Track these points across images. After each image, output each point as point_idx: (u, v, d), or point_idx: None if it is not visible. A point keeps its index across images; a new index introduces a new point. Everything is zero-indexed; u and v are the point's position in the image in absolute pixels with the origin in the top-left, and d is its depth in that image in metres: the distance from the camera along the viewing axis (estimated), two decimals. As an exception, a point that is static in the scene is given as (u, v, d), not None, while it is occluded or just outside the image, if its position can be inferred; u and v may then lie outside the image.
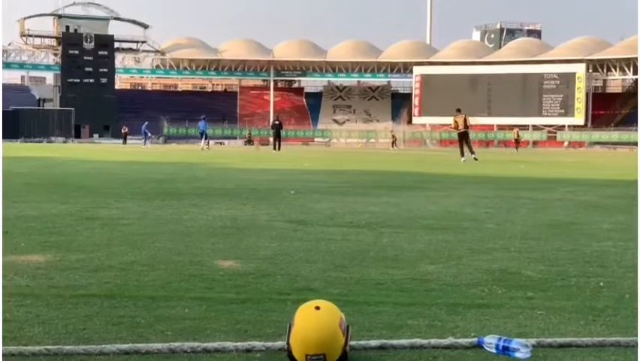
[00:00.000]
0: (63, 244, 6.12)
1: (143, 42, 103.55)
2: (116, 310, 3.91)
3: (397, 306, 4.05)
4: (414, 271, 5.08)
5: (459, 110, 30.26)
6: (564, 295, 4.39)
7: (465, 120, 29.54)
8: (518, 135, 60.65)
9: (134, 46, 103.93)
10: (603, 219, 8.45)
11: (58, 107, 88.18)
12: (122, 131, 71.94)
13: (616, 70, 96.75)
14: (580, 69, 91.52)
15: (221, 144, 79.02)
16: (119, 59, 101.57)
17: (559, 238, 6.81)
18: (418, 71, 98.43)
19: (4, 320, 3.57)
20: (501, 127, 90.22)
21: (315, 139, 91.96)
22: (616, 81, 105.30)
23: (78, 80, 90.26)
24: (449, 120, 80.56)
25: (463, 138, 29.18)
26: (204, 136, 48.25)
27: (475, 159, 27.04)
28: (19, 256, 5.42)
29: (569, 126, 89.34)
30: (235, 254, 5.72)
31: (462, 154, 28.20)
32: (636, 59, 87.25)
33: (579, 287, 4.63)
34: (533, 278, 4.91)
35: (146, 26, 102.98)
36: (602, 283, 4.72)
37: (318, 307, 2.81)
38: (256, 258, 5.57)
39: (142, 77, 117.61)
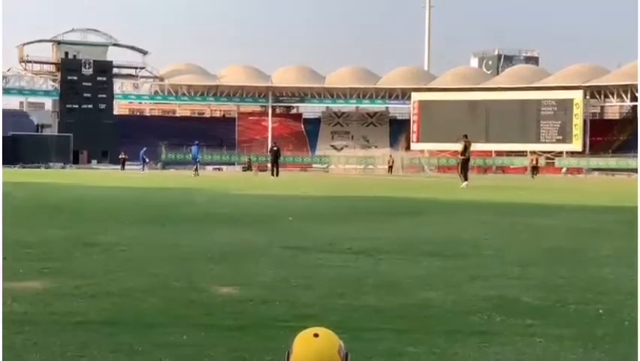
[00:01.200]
0: (61, 270, 6.10)
1: (141, 68, 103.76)
2: (114, 337, 3.90)
3: (396, 333, 4.04)
4: (413, 298, 5.07)
5: (466, 136, 30.21)
6: (563, 323, 4.38)
7: (470, 147, 29.73)
8: (537, 162, 60.67)
9: (132, 72, 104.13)
10: (602, 245, 8.44)
11: (56, 133, 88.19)
12: (120, 157, 71.95)
13: (613, 96, 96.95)
14: (577, 96, 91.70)
15: (219, 169, 78.97)
16: (118, 85, 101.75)
17: (558, 265, 6.80)
18: (416, 97, 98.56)
19: (2, 347, 3.55)
20: (499, 153, 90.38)
21: (314, 165, 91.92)
22: (613, 108, 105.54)
23: (77, 106, 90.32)
24: (447, 146, 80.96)
25: (466, 164, 29.25)
26: (194, 161, 48.32)
27: (464, 186, 27.12)
28: (18, 283, 5.41)
29: (567, 153, 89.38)
30: (234, 280, 5.70)
31: (464, 179, 28.20)
32: (633, 85, 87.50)
33: (578, 314, 4.62)
34: (532, 305, 4.90)
35: (144, 52, 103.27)
36: (601, 310, 4.71)
37: (316, 335, 2.79)
38: (255, 284, 5.55)
39: (140, 103, 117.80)
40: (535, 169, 57.24)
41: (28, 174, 43.24)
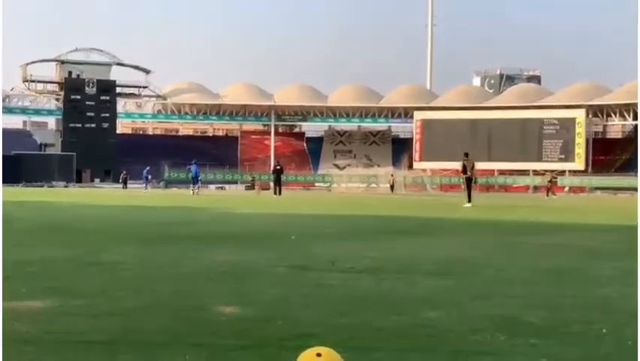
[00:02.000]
0: (63, 289, 6.10)
1: (144, 87, 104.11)
2: (115, 356, 3.89)
3: (398, 352, 4.03)
4: (415, 317, 5.06)
5: (467, 155, 30.18)
6: (567, 342, 4.36)
7: (473, 166, 29.65)
8: (553, 180, 60.76)
9: (135, 91, 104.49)
10: (605, 264, 8.42)
11: (59, 152, 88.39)
12: (122, 175, 72.19)
13: (616, 115, 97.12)
14: (580, 114, 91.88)
15: (222, 188, 79.06)
16: (121, 104, 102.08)
17: (560, 284, 6.78)
18: (418, 115, 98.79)
19: (3, 367, 3.55)
20: (501, 172, 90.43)
21: (316, 184, 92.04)
22: (616, 127, 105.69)
23: (80, 125, 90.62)
24: (449, 165, 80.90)
25: (469, 183, 29.20)
26: (196, 180, 48.33)
27: (470, 205, 27.10)
28: (20, 302, 5.40)
29: (569, 171, 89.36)
30: (236, 299, 5.69)
31: (468, 200, 28.14)
32: (635, 104, 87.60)
33: (581, 334, 4.60)
34: (535, 325, 4.88)
35: (147, 71, 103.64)
36: (604, 330, 4.69)
37: (319, 354, 2.79)
38: (257, 303, 5.54)
39: (143, 122, 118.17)
40: (549, 189, 57.29)
41: (31, 193, 43.27)
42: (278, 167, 46.43)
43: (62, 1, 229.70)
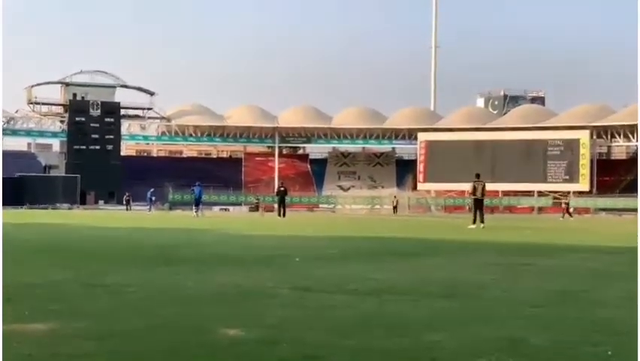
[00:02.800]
0: (67, 311, 6.08)
1: (149, 109, 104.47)
2: (119, 379, 3.88)
3: (403, 375, 4.01)
4: (419, 339, 5.04)
5: (478, 176, 30.09)
6: (572, 364, 4.34)
7: (483, 188, 29.50)
8: (567, 202, 60.74)
9: (140, 113, 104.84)
10: (610, 286, 8.40)
11: (64, 174, 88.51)
12: (125, 197, 72.35)
13: (620, 136, 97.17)
14: (584, 135, 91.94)
15: (226, 210, 79.13)
16: (125, 126, 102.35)
17: (566, 306, 6.76)
18: (422, 137, 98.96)
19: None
20: (506, 193, 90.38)
21: (320, 205, 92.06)
22: (620, 148, 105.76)
23: (84, 147, 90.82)
24: (454, 186, 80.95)
25: (479, 205, 29.02)
26: (199, 202, 48.26)
27: (483, 227, 26.98)
28: (23, 325, 5.39)
29: (574, 192, 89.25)
30: (240, 321, 5.67)
31: (474, 221, 28.01)
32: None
33: (587, 356, 4.58)
34: (541, 347, 4.86)
35: (152, 93, 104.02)
36: (609, 352, 4.66)
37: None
38: (261, 325, 5.52)
39: (148, 144, 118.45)
40: (565, 210, 57.20)
41: (35, 215, 43.31)
42: (282, 188, 46.46)
43: (67, 23, 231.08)
